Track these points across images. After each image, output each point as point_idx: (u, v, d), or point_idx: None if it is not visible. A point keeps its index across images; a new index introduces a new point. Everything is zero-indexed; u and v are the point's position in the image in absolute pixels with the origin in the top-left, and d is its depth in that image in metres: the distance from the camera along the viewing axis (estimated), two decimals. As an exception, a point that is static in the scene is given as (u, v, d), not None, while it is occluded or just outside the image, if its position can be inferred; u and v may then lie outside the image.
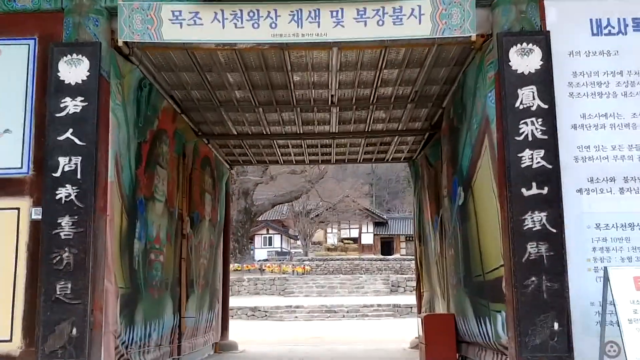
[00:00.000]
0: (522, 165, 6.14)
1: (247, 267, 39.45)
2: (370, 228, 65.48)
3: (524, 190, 6.08)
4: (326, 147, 11.84)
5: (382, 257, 54.51)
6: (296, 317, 27.18)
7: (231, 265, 40.11)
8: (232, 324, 26.05)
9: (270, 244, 58.01)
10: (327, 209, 55.41)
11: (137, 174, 7.67)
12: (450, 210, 8.67)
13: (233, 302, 31.50)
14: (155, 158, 8.39)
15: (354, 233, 65.21)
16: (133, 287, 7.51)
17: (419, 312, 12.82)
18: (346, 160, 12.95)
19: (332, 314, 27.36)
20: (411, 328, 23.01)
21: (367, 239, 65.56)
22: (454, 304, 8.90)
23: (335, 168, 56.82)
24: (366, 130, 10.54)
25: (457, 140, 8.05)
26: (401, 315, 27.11)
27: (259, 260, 50.94)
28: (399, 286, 36.07)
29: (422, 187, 11.80)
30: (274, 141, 11.30)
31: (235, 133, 10.61)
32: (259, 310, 27.72)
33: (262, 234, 58.55)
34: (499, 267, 6.50)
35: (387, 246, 66.18)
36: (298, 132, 10.54)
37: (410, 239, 66.57)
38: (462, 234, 7.92)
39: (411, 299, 29.89)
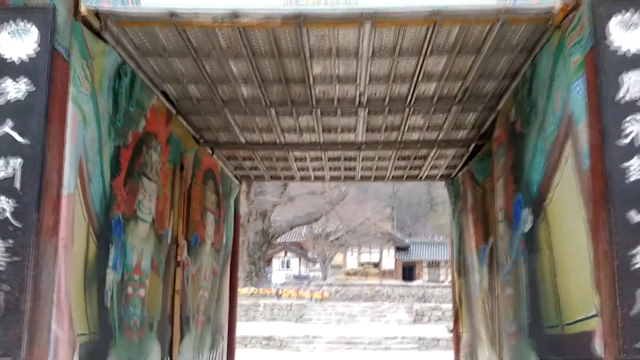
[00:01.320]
0: (629, 180, 4.36)
1: (264, 291, 37.68)
2: (392, 252, 63.45)
3: (632, 213, 4.31)
4: (350, 160, 10.07)
5: (404, 283, 52.35)
6: (314, 347, 25.30)
7: (247, 289, 38.43)
8: (245, 353, 24.24)
9: (288, 267, 56.18)
10: (347, 232, 53.60)
11: (113, 186, 5.99)
12: (509, 238, 6.85)
13: (247, 329, 29.70)
14: (140, 167, 6.71)
15: (375, 257, 63.16)
16: (102, 331, 5.79)
17: (457, 353, 10.92)
18: (373, 178, 11.16)
19: (353, 345, 25.42)
20: (439, 364, 21.09)
21: (389, 263, 63.49)
22: (510, 357, 7.04)
23: (357, 190, 55.02)
24: (399, 140, 8.78)
25: (521, 149, 6.26)
26: (427, 348, 25.08)
27: (276, 284, 49.08)
28: (423, 315, 34.00)
29: (463, 209, 9.99)
30: (290, 152, 9.57)
31: (244, 141, 8.92)
32: (274, 340, 25.88)
33: (280, 257, 56.77)
34: (587, 318, 4.69)
35: (409, 272, 64.00)
36: (318, 141, 8.81)
37: (433, 264, 64.41)
38: (529, 270, 6.09)
39: (437, 330, 27.82)
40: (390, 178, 11.05)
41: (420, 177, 11.00)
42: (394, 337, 25.84)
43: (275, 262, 56.62)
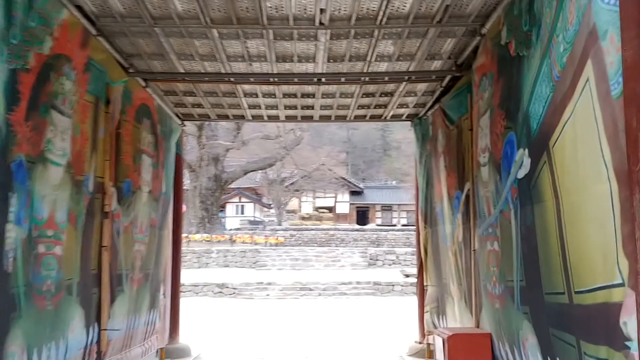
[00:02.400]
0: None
1: (217, 237, 36.48)
2: (346, 197, 63.01)
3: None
4: (308, 97, 8.76)
5: (358, 227, 51.98)
6: (268, 295, 24.44)
7: (199, 236, 37.15)
8: (196, 302, 23.19)
9: (242, 212, 55.06)
10: (302, 177, 52.55)
11: (9, 121, 4.60)
12: (493, 185, 5.76)
13: (200, 276, 28.57)
14: (47, 98, 5.29)
15: (329, 202, 62.62)
16: (1, 301, 4.54)
17: (421, 308, 10.03)
18: (333, 117, 9.88)
19: (307, 291, 24.66)
20: (395, 310, 20.50)
21: (343, 208, 63.09)
22: (491, 321, 6.07)
23: (311, 134, 53.75)
24: (365, 71, 7.51)
25: (517, 77, 5.09)
26: (382, 294, 24.52)
27: (231, 230, 47.97)
28: (377, 259, 33.52)
29: (432, 152, 8.88)
30: (238, 86, 8.20)
31: (183, 71, 7.49)
32: (227, 287, 24.89)
33: (234, 202, 55.52)
34: (608, 286, 3.66)
35: (362, 215, 63.79)
36: (271, 71, 7.46)
37: (386, 208, 64.29)
38: (522, 224, 5.01)
39: (391, 275, 27.27)
40: (352, 118, 9.80)
41: (385, 117, 9.79)
42: (348, 282, 25.14)
43: (230, 208, 55.35)
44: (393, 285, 24.65)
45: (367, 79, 7.81)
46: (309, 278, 26.27)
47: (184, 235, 36.39)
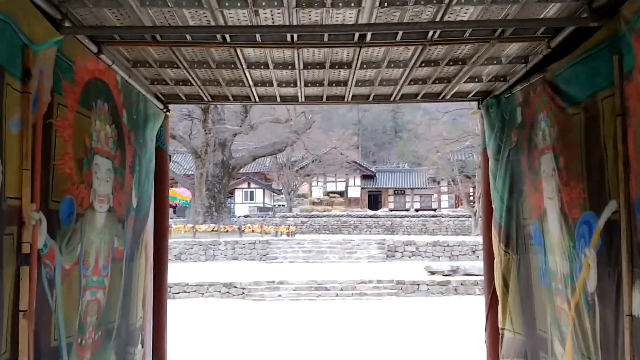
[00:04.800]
0: None
1: (225, 227, 33.80)
2: (358, 181, 60.30)
3: None
4: (342, 66, 5.82)
5: (371, 213, 49.30)
6: (280, 295, 21.77)
7: (206, 226, 34.45)
8: (201, 305, 20.54)
9: (252, 198, 52.40)
10: (312, 161, 49.77)
11: None
12: None
13: (206, 271, 25.84)
14: None
15: (341, 186, 59.96)
16: None
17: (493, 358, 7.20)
18: (371, 97, 6.92)
19: (324, 292, 21.97)
20: (424, 316, 17.81)
21: (354, 192, 60.40)
22: None
23: (322, 117, 50.77)
24: (438, 19, 4.60)
25: None
26: (406, 294, 21.81)
27: (239, 217, 45.36)
28: (395, 250, 30.80)
29: (523, 146, 6.00)
30: (239, 52, 5.32)
31: (151, 24, 4.62)
32: (235, 287, 22.23)
33: (242, 188, 52.82)
34: None
35: (374, 200, 61.09)
36: (287, 23, 4.59)
37: (399, 192, 61.43)
38: None
39: (414, 271, 24.51)
40: (398, 98, 6.89)
41: (444, 96, 6.87)
42: (368, 280, 22.38)
43: (238, 194, 52.64)
44: (418, 284, 21.89)
45: (437, 34, 4.93)
46: (324, 275, 23.56)
47: (189, 225, 33.78)
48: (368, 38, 5.00)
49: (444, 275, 22.84)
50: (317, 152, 48.11)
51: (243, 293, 21.95)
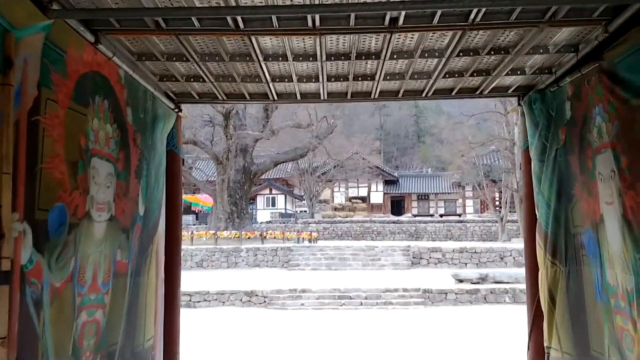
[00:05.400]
0: None
1: (247, 234, 33.27)
2: (380, 187, 59.42)
3: None
4: (369, 57, 5.22)
5: (395, 218, 48.49)
6: (302, 304, 21.08)
7: (228, 233, 33.97)
8: (222, 314, 20.00)
9: (273, 204, 51.90)
10: (334, 167, 49.08)
11: None
12: None
13: (228, 279, 25.36)
14: None
15: (363, 192, 59.15)
16: None
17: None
18: (401, 93, 6.30)
19: (347, 300, 21.23)
20: (455, 329, 17.03)
21: (377, 198, 59.52)
22: None
23: (343, 122, 50.12)
24: None
25: None
26: (433, 303, 20.96)
27: (261, 223, 44.88)
28: (421, 257, 29.94)
29: (573, 145, 5.31)
30: (254, 40, 4.73)
31: (151, 6, 4.03)
32: (257, 295, 21.61)
33: (264, 194, 52.36)
34: None
35: (397, 205, 60.12)
36: (306, 2, 3.98)
37: (422, 197, 60.43)
38: None
39: (441, 279, 23.65)
40: (431, 93, 6.23)
41: (481, 91, 6.20)
42: (394, 289, 21.61)
43: (260, 200, 52.19)
44: (446, 293, 21.06)
45: (480, 16, 4.27)
46: (347, 282, 22.85)
47: (211, 232, 33.39)
48: (400, 22, 4.37)
49: (472, 283, 21.97)
50: (339, 158, 47.43)
51: (265, 302, 21.34)
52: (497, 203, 45.54)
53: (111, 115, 4.84)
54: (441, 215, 54.19)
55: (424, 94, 6.23)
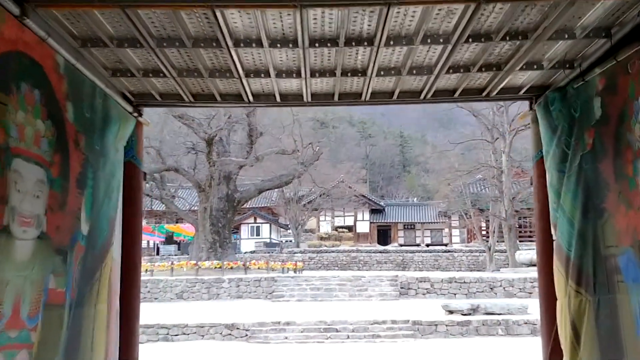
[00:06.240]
0: None
1: (229, 264, 32.05)
2: (366, 215, 58.50)
3: None
4: (359, 43, 4.34)
5: (381, 248, 47.48)
6: (286, 337, 19.88)
7: (209, 263, 32.69)
8: (200, 349, 18.78)
9: (258, 234, 50.70)
10: (320, 195, 48.17)
11: None
12: None
13: (208, 311, 24.08)
14: None
15: (349, 221, 58.15)
16: None
17: None
18: (396, 95, 5.42)
19: (334, 333, 20.07)
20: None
21: (363, 227, 58.53)
22: None
23: (330, 149, 49.37)
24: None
25: None
26: (423, 335, 19.86)
27: (246, 253, 43.63)
28: (409, 288, 28.84)
29: (606, 152, 4.43)
30: (221, 19, 3.83)
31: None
32: (238, 329, 20.38)
33: (248, 223, 51.16)
34: None
35: (383, 235, 59.12)
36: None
37: (409, 227, 59.53)
38: None
39: (431, 310, 22.61)
40: (430, 95, 5.36)
41: (488, 92, 5.35)
42: (382, 321, 20.51)
43: (244, 229, 50.96)
44: (436, 324, 19.99)
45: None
46: (333, 314, 21.71)
47: (192, 262, 32.12)
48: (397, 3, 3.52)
49: (463, 314, 20.94)
50: (325, 186, 46.56)
51: (246, 335, 20.11)
52: (484, 232, 44.81)
53: (43, 109, 3.89)
54: (427, 245, 53.24)
55: (422, 96, 5.35)
